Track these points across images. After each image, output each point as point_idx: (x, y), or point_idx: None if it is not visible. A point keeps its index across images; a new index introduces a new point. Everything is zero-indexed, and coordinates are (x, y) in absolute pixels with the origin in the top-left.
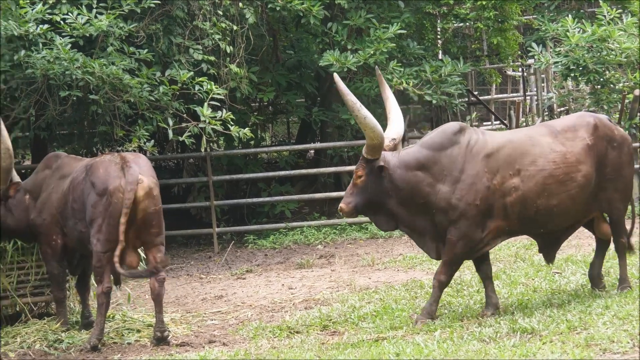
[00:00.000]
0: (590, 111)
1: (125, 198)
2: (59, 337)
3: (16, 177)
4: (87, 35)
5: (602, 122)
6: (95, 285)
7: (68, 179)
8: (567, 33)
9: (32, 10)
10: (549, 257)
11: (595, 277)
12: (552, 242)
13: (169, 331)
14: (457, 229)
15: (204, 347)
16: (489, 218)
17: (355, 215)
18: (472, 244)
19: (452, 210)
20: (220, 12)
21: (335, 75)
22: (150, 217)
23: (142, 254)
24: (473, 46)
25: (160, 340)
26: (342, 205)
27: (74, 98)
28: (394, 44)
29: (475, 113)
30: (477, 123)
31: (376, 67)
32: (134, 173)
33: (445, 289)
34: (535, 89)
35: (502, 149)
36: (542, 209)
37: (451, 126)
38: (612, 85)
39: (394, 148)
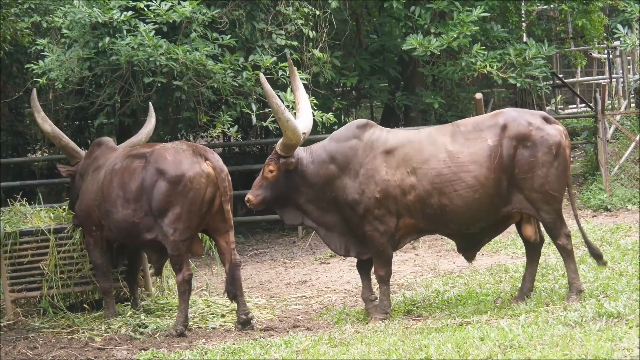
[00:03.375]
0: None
1: (222, 185)
2: (142, 322)
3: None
4: (171, 21)
5: (515, 122)
6: (175, 274)
7: (102, 170)
8: None
9: None
10: (468, 257)
11: (526, 291)
12: (471, 242)
13: (253, 314)
14: (369, 222)
15: (288, 331)
16: (396, 214)
17: (262, 207)
18: (390, 232)
19: (357, 205)
20: None
21: (261, 75)
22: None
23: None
24: (558, 28)
25: (245, 323)
26: (250, 196)
27: (158, 84)
28: (478, 27)
29: (560, 96)
30: (562, 106)
31: (287, 54)
32: (219, 159)
33: None
34: (621, 71)
35: (401, 147)
36: (437, 208)
37: (358, 121)
38: None
39: (303, 143)
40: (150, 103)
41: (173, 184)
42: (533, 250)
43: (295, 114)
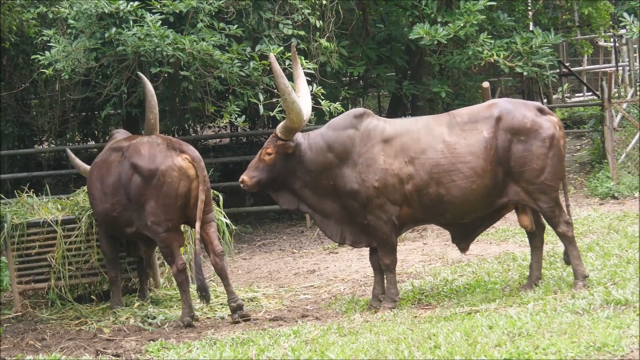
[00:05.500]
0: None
1: (201, 175)
2: (150, 313)
3: None
4: (177, 11)
5: (509, 114)
6: (169, 266)
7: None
8: None
9: None
10: (462, 247)
11: (534, 279)
12: (465, 233)
13: (242, 301)
14: (371, 212)
15: (297, 321)
16: (397, 203)
17: (257, 190)
18: (392, 220)
19: (357, 194)
20: None
21: (271, 55)
22: (204, 195)
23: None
24: (564, 17)
25: (237, 309)
26: (244, 177)
27: (165, 75)
28: (484, 16)
29: (566, 84)
30: (569, 94)
31: (292, 43)
32: (194, 150)
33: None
34: (627, 60)
35: (399, 136)
36: (434, 197)
37: (355, 110)
38: None
39: (301, 130)
40: (139, 74)
41: (147, 178)
42: (535, 238)
43: None
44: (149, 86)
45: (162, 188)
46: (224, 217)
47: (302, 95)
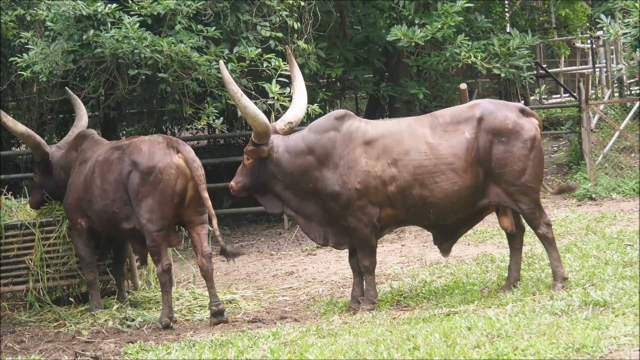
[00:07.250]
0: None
1: (196, 174)
2: (129, 315)
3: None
4: (155, 13)
5: (491, 115)
6: (154, 265)
7: (89, 162)
8: (636, 4)
9: None
10: (444, 249)
11: (513, 281)
12: (447, 234)
13: (223, 305)
14: (352, 213)
15: (275, 323)
16: (378, 205)
17: (245, 195)
18: (373, 222)
19: (338, 196)
20: None
21: (221, 63)
22: (199, 195)
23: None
24: (541, 18)
25: (217, 314)
26: (232, 183)
27: (143, 77)
28: (462, 18)
29: (544, 86)
30: (546, 96)
31: (286, 46)
32: (190, 150)
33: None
34: (604, 61)
35: (381, 138)
36: (418, 199)
37: (336, 112)
38: None
39: (289, 132)
40: (66, 89)
41: (145, 175)
42: (515, 239)
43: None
44: (82, 111)
45: (159, 185)
46: None
47: (296, 98)
